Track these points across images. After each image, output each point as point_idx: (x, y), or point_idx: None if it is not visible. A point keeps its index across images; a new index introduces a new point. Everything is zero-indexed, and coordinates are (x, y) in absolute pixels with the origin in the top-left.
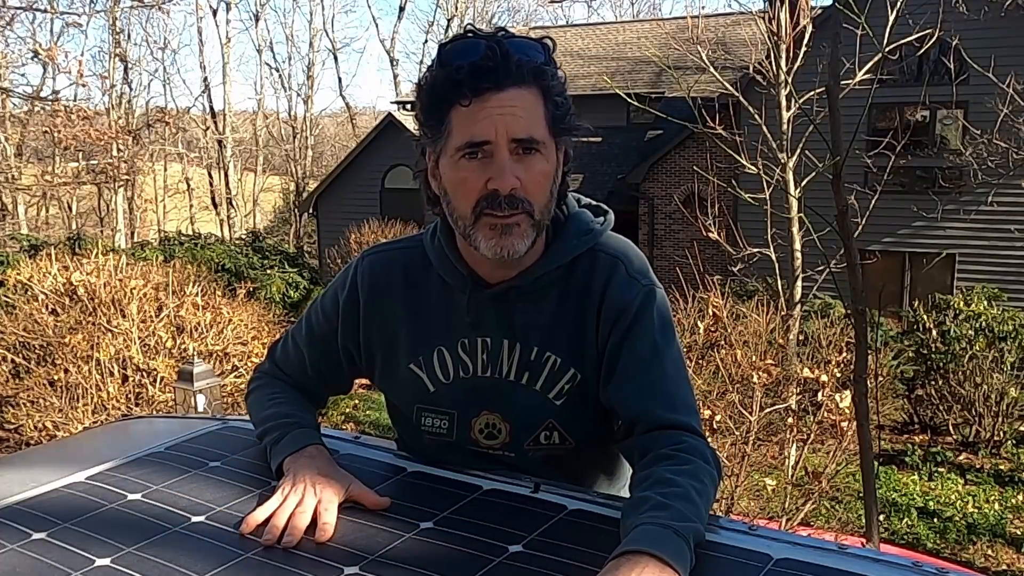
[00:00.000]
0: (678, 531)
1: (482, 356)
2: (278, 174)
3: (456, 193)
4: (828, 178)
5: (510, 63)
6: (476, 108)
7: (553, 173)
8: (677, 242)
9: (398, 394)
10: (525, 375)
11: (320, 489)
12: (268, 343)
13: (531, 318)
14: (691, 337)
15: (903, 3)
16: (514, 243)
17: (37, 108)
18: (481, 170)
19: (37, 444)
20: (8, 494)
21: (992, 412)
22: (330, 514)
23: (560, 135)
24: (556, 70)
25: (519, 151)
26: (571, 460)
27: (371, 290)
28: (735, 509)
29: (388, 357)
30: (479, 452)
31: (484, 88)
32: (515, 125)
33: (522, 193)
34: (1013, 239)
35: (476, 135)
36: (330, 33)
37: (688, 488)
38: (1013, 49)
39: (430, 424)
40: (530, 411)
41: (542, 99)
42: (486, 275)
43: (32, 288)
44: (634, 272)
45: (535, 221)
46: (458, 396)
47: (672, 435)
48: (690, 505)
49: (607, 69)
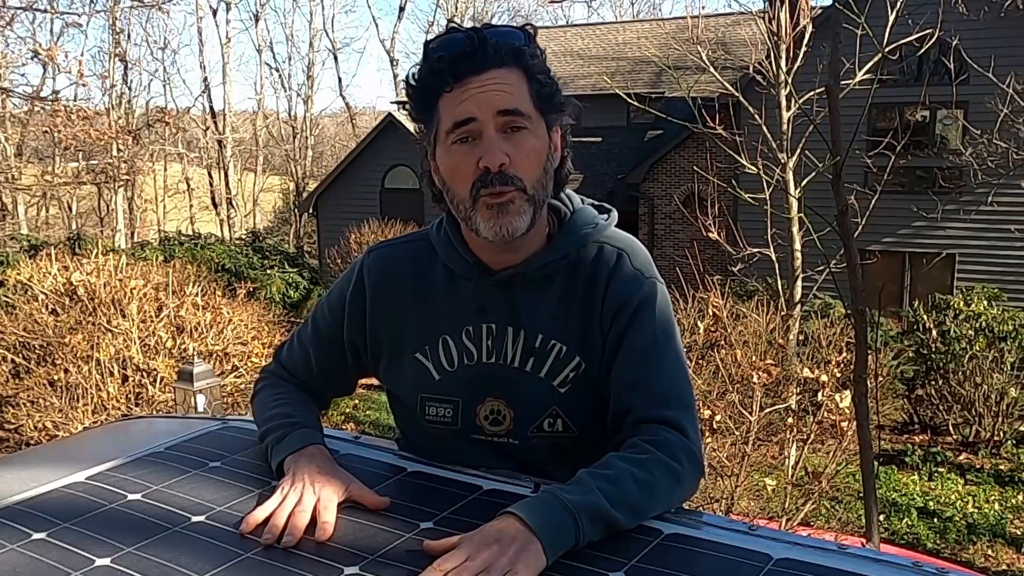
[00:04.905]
0: (567, 504)
1: (487, 342)
2: (278, 174)
3: (452, 179)
4: (828, 178)
5: (487, 47)
6: (459, 91)
7: (544, 150)
8: (677, 242)
9: (403, 385)
10: (530, 361)
11: (319, 488)
12: (268, 343)
13: (536, 305)
14: (691, 337)
15: (903, 3)
16: (512, 221)
17: (37, 108)
18: (472, 152)
19: (37, 444)
20: (8, 494)
21: (992, 412)
22: (329, 513)
23: (548, 112)
24: (537, 52)
25: (507, 129)
26: (574, 451)
27: (377, 284)
28: (735, 509)
29: (394, 349)
30: (483, 441)
31: (465, 72)
32: (498, 99)
33: (512, 170)
34: (1013, 239)
35: (460, 114)
36: (330, 33)
37: (621, 471)
38: (1013, 49)
39: (434, 413)
40: (534, 397)
41: (525, 78)
42: (491, 262)
43: (32, 288)
44: (638, 265)
45: (529, 196)
46: (463, 383)
47: (652, 429)
48: (609, 485)
49: (607, 69)
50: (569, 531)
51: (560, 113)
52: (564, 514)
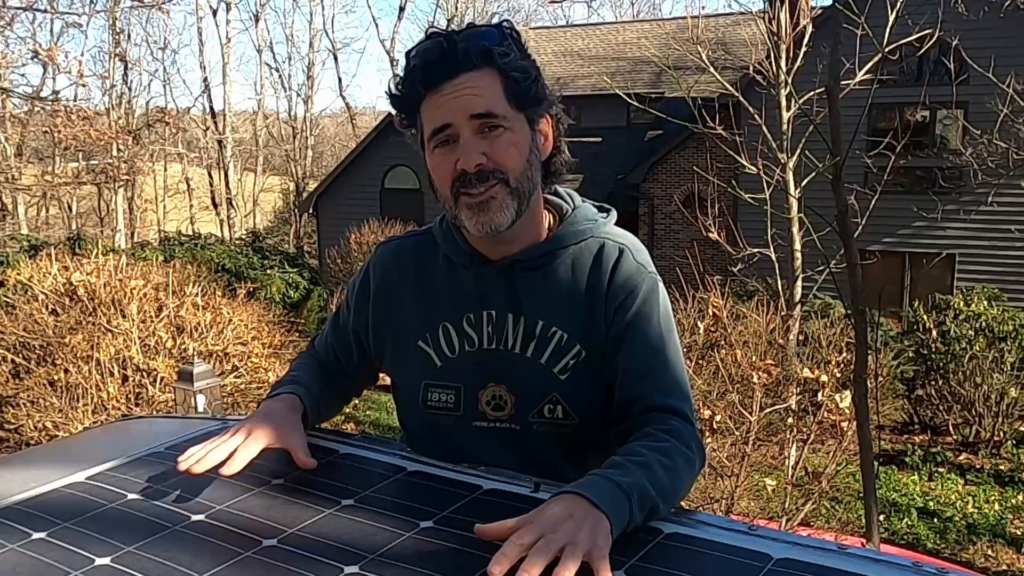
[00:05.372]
0: (620, 485)
1: (487, 329)
2: (278, 174)
3: (436, 180)
4: (828, 178)
5: (456, 51)
6: (433, 98)
7: (526, 143)
8: (677, 242)
9: (406, 373)
10: (530, 347)
11: (254, 430)
12: (268, 343)
13: (537, 292)
14: (691, 337)
15: (903, 3)
16: (493, 218)
17: (37, 108)
18: (451, 155)
19: (37, 444)
20: (8, 494)
21: (992, 412)
22: (245, 452)
23: (525, 108)
24: (511, 48)
25: (484, 129)
26: (574, 438)
27: (382, 276)
28: (735, 509)
29: (397, 338)
30: (485, 428)
31: (437, 79)
32: (470, 103)
33: (491, 165)
34: (1013, 239)
35: (437, 120)
36: (330, 33)
37: (652, 460)
38: (1013, 49)
39: (437, 399)
40: (535, 383)
41: (498, 77)
42: (488, 253)
43: (32, 288)
44: (640, 260)
45: (512, 188)
46: (465, 369)
47: (662, 418)
48: (646, 471)
49: (607, 69)
50: (625, 511)
51: (539, 105)
52: (620, 494)
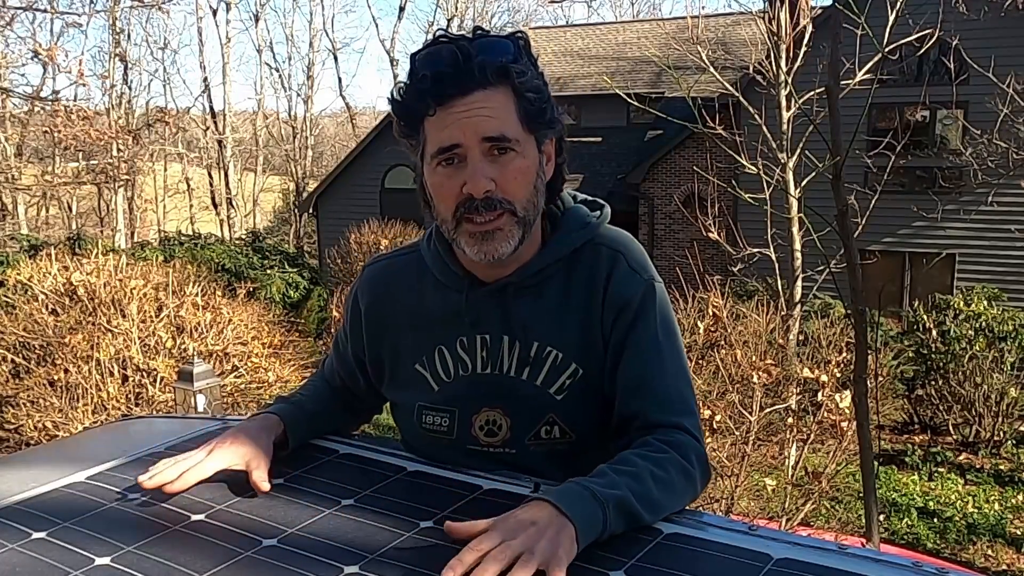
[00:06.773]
0: (596, 494)
1: (481, 353)
2: (278, 174)
3: (437, 199)
4: (828, 178)
5: (472, 66)
6: (443, 115)
7: (534, 169)
8: (677, 242)
9: (404, 396)
10: (525, 370)
11: (217, 451)
12: (268, 343)
13: (530, 313)
14: (691, 337)
15: (903, 3)
16: (497, 247)
17: (37, 108)
18: (456, 175)
19: (37, 444)
20: (8, 494)
21: (992, 412)
22: (195, 472)
23: (536, 130)
24: (527, 66)
25: (494, 152)
26: (572, 455)
27: (371, 301)
28: (735, 509)
29: (394, 362)
30: (478, 451)
31: (448, 95)
32: (484, 125)
33: (499, 193)
34: (1013, 239)
35: (445, 140)
36: (330, 33)
37: (642, 469)
38: (1013, 49)
39: (431, 422)
40: (531, 406)
41: (512, 97)
42: (482, 275)
43: (32, 288)
44: (635, 266)
45: (519, 218)
46: (459, 393)
47: (662, 432)
48: (632, 481)
49: (607, 69)
50: (598, 521)
51: (551, 129)
52: (594, 503)
